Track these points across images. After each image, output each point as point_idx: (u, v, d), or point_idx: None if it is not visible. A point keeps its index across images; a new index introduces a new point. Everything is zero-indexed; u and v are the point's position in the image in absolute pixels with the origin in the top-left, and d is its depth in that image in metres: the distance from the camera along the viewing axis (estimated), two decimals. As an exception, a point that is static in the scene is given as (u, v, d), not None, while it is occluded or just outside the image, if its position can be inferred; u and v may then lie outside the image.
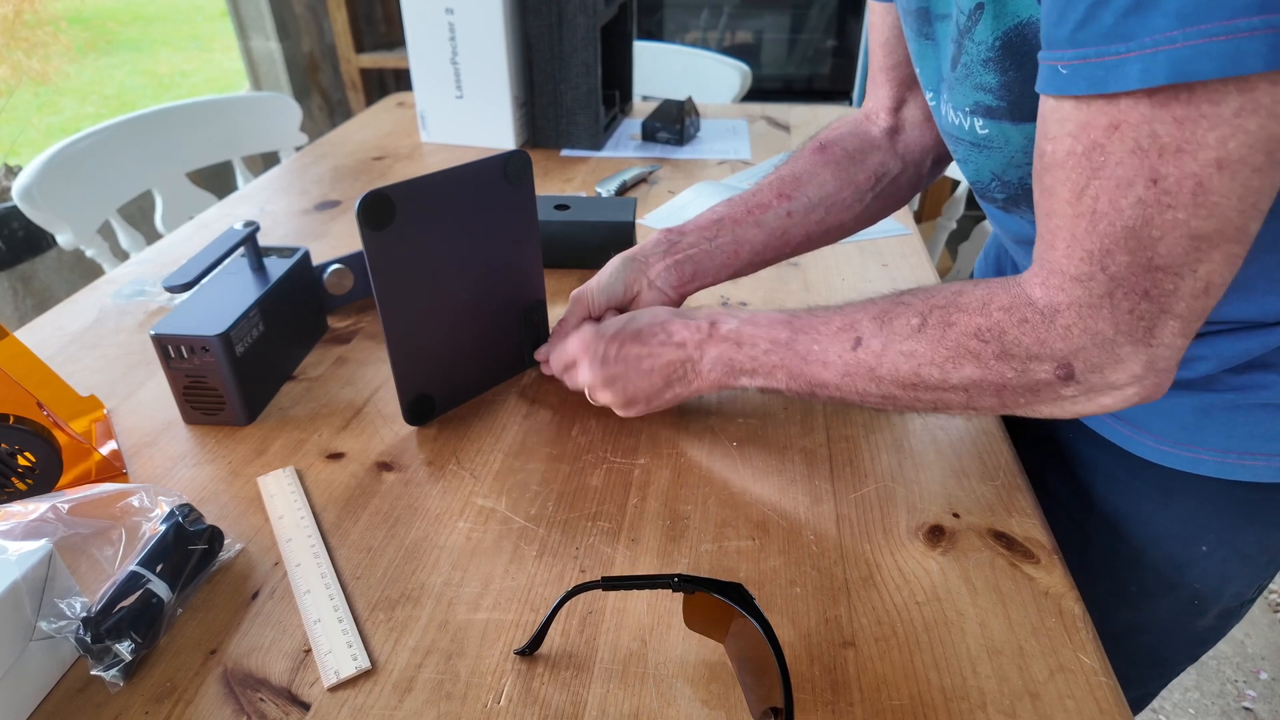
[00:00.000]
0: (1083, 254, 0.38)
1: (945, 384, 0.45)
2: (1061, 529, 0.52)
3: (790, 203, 0.64)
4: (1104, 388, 0.41)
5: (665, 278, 0.62)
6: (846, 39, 2.32)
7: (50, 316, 0.76)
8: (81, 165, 1.08)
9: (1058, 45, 0.35)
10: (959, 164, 0.54)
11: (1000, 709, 0.39)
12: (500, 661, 0.42)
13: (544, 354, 0.64)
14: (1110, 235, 0.36)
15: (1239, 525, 0.56)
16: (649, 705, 0.40)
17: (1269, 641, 1.43)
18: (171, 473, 0.56)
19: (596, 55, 1.13)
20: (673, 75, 1.70)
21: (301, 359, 0.69)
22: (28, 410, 0.51)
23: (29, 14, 2.50)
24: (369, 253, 0.51)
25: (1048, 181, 0.38)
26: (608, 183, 1.06)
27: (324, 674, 0.41)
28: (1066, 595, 0.46)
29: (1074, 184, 0.37)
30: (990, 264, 0.75)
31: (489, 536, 0.50)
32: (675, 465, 0.56)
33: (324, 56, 2.31)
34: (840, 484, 0.54)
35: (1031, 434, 0.64)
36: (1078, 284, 0.38)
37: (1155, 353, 0.39)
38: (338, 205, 1.02)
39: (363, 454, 0.58)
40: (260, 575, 0.47)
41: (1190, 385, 0.52)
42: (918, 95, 0.65)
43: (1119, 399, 0.41)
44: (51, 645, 0.41)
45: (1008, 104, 0.45)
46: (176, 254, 0.89)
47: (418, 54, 1.17)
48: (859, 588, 0.46)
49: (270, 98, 1.42)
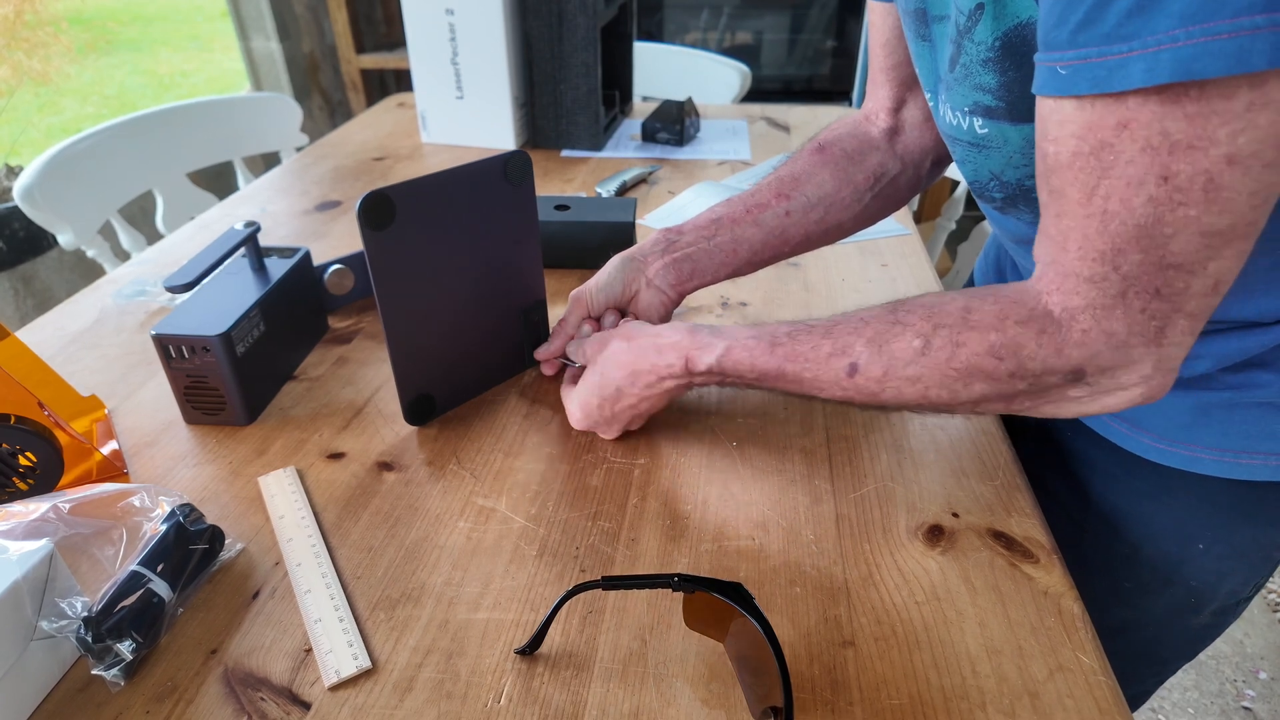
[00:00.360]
0: (1095, 254, 0.37)
1: (954, 401, 0.44)
2: (1058, 526, 0.52)
3: (789, 202, 0.64)
4: (1112, 389, 0.41)
5: (663, 276, 0.62)
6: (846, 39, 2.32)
7: (51, 316, 0.76)
8: (82, 165, 1.08)
9: (1057, 47, 0.35)
10: (958, 164, 0.54)
11: (1000, 708, 0.40)
12: (500, 661, 0.42)
13: (544, 353, 0.65)
14: (1122, 234, 0.36)
15: (1235, 523, 0.56)
16: (649, 705, 0.40)
17: (1268, 641, 1.43)
18: (172, 473, 0.56)
19: (596, 56, 1.13)
20: (673, 76, 1.70)
21: (302, 359, 0.69)
22: (29, 410, 0.51)
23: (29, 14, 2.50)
24: (369, 253, 0.52)
25: (1055, 183, 0.38)
26: (608, 183, 1.06)
27: (325, 673, 0.41)
28: (1066, 595, 0.46)
29: (1084, 184, 0.36)
30: (990, 264, 0.75)
31: (489, 536, 0.50)
32: (675, 465, 0.56)
33: (324, 57, 2.31)
34: (840, 484, 0.54)
35: (1030, 433, 0.64)
36: (1091, 285, 0.38)
37: (1165, 352, 0.39)
38: (338, 206, 1.02)
39: (363, 454, 0.58)
40: (261, 575, 0.48)
41: (1188, 384, 0.52)
42: (918, 96, 0.65)
43: (1124, 399, 0.41)
44: (52, 645, 0.41)
45: (1006, 104, 0.45)
46: (177, 254, 0.89)
47: (418, 54, 1.17)
48: (858, 587, 0.46)
49: (271, 98, 1.42)
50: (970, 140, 0.49)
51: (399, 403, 0.59)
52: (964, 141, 0.50)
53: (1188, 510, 0.56)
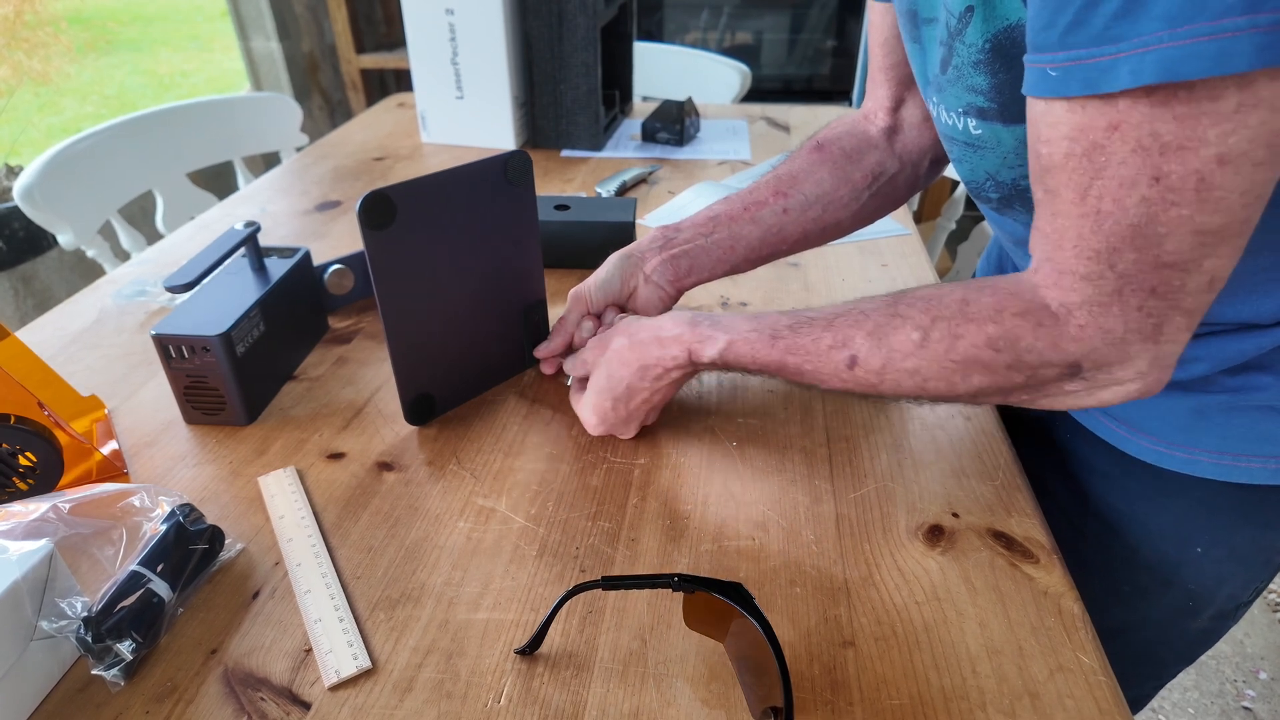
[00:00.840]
0: (1090, 253, 0.38)
1: (951, 393, 0.45)
2: (1057, 528, 0.52)
3: (786, 200, 0.64)
4: (1108, 383, 0.41)
5: (661, 273, 0.63)
6: (846, 39, 2.32)
7: (51, 317, 0.76)
8: (82, 165, 1.08)
9: (1047, 49, 0.35)
10: (954, 164, 0.54)
11: (1000, 708, 0.40)
12: (500, 661, 0.42)
13: (544, 351, 0.65)
14: (1116, 234, 0.36)
15: (1234, 526, 0.56)
16: (649, 705, 0.40)
17: (1268, 641, 1.43)
18: (172, 473, 0.56)
19: (596, 55, 1.13)
20: (673, 76, 1.70)
21: (302, 359, 0.69)
22: (29, 410, 0.51)
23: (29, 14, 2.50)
24: (370, 253, 0.52)
25: (1049, 183, 0.39)
26: (608, 183, 1.06)
27: (325, 673, 0.41)
28: (1066, 595, 0.46)
29: (1077, 185, 0.37)
30: (992, 265, 0.75)
31: (489, 536, 0.50)
32: (675, 465, 0.56)
33: (324, 57, 2.31)
34: (840, 484, 0.54)
35: (1029, 434, 0.64)
36: (1087, 283, 0.39)
37: (1161, 349, 0.39)
38: (338, 205, 1.02)
39: (363, 454, 0.58)
40: (261, 575, 0.48)
41: (1186, 386, 0.52)
42: (916, 95, 0.65)
43: (1119, 394, 0.42)
44: (52, 645, 0.41)
45: (998, 105, 0.45)
46: (177, 254, 0.89)
47: (418, 54, 1.17)
48: (859, 587, 0.46)
49: (271, 98, 1.42)
50: (965, 140, 0.50)
51: (399, 402, 0.59)
52: (960, 142, 0.50)
53: (1186, 513, 0.56)
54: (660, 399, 0.56)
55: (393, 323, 0.55)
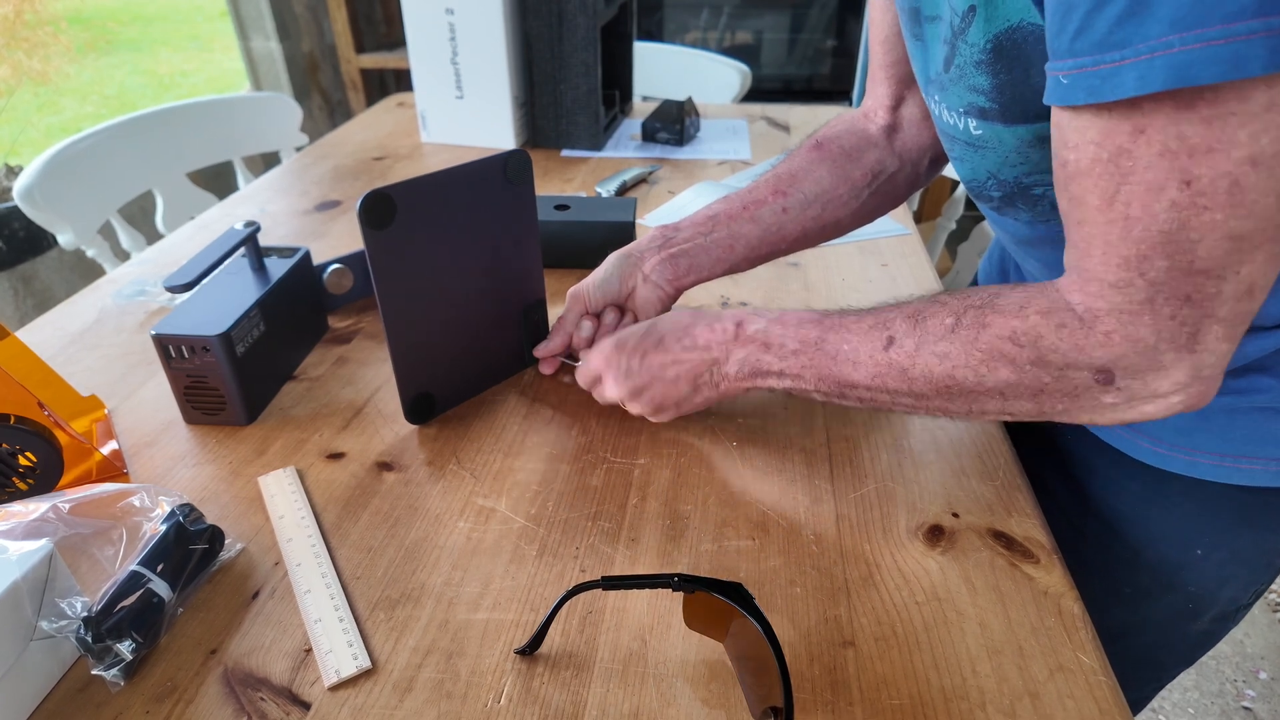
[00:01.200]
0: (1119, 260, 0.37)
1: (980, 387, 0.44)
2: (1058, 529, 0.52)
3: (786, 199, 0.64)
4: (1147, 396, 0.40)
5: (660, 272, 0.62)
6: (846, 39, 2.32)
7: (51, 316, 0.76)
8: (82, 165, 1.08)
9: (1059, 56, 0.35)
10: (954, 163, 0.54)
11: (1000, 709, 0.40)
12: (500, 661, 0.42)
13: (543, 350, 0.65)
14: (1146, 240, 0.35)
15: (1235, 528, 0.56)
16: (649, 705, 0.40)
17: (1268, 641, 1.43)
18: (172, 473, 0.56)
19: (596, 55, 1.13)
20: (673, 75, 1.70)
21: (302, 359, 0.69)
22: (29, 410, 0.51)
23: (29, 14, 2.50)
24: (370, 252, 0.52)
25: (1075, 190, 0.38)
26: (608, 183, 1.06)
27: (324, 673, 0.41)
28: (1066, 595, 0.46)
29: (1103, 191, 0.36)
30: (994, 265, 0.74)
31: (489, 536, 0.50)
32: (675, 465, 0.56)
33: (324, 56, 2.31)
34: (840, 484, 0.54)
35: (1030, 435, 0.64)
36: (1116, 291, 0.38)
37: (1200, 359, 0.38)
38: (338, 205, 1.02)
39: (363, 454, 0.58)
40: (261, 575, 0.48)
41: None
42: (916, 94, 0.65)
43: (1163, 407, 0.40)
44: (52, 645, 0.41)
45: (1000, 106, 0.45)
46: (177, 254, 0.89)
47: (418, 54, 1.17)
48: (859, 587, 0.46)
49: (270, 98, 1.42)
50: (967, 140, 0.50)
51: (399, 402, 0.59)
52: (961, 141, 0.50)
53: (1187, 515, 0.56)
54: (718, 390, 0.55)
55: (393, 322, 0.55)
